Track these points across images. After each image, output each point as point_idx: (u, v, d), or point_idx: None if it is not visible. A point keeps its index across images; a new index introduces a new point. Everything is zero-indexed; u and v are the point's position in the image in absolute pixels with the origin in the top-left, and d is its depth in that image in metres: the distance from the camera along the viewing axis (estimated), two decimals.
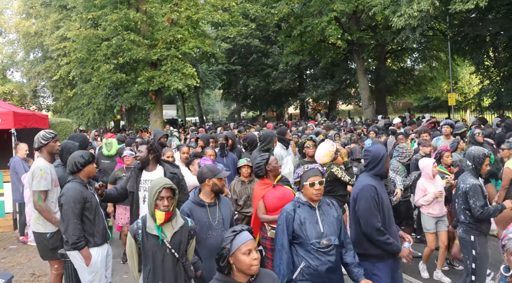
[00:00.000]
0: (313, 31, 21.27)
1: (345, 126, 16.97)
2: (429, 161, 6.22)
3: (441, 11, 14.64)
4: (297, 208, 3.71)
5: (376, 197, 4.02)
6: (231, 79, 39.04)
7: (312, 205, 3.71)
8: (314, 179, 3.66)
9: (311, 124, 16.23)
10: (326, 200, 3.86)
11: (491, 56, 23.50)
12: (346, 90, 34.54)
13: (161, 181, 3.52)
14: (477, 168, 5.04)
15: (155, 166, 5.00)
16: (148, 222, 3.51)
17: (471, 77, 36.75)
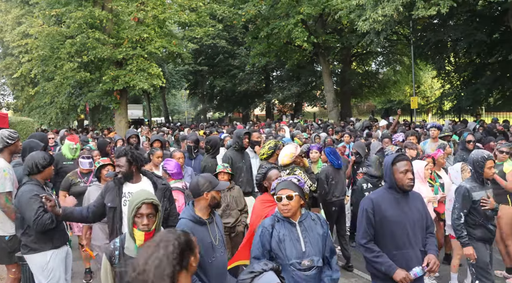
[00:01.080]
0: (280, 33, 21.44)
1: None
2: (421, 163, 5.95)
3: (405, 16, 14.98)
4: (276, 223, 3.34)
5: (371, 210, 3.64)
6: (197, 79, 38.87)
7: (292, 221, 3.32)
8: (282, 193, 3.32)
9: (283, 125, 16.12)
10: (311, 214, 3.46)
11: (452, 61, 24.26)
12: (312, 93, 34.95)
13: (140, 195, 3.05)
14: (478, 172, 4.80)
15: (139, 177, 4.25)
16: (127, 242, 3.06)
17: (433, 82, 37.89)
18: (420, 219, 3.72)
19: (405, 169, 3.62)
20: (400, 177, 3.62)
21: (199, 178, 3.64)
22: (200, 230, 3.47)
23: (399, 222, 3.63)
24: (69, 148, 7.54)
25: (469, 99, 21.40)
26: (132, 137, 9.15)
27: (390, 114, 32.33)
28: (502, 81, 20.65)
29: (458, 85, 23.61)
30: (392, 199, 3.67)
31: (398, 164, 3.66)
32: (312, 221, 3.40)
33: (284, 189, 3.33)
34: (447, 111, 26.42)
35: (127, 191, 4.15)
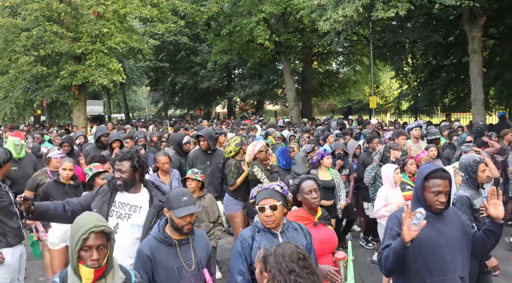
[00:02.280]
0: (242, 31, 21.45)
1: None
2: (391, 167, 5.73)
3: (365, 17, 15.25)
4: (256, 234, 3.07)
5: (396, 228, 3.07)
6: (158, 76, 38.41)
7: (273, 231, 3.08)
8: (264, 203, 3.04)
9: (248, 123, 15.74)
10: (293, 224, 3.22)
11: (410, 62, 24.91)
12: (273, 91, 35.15)
13: (86, 221, 2.42)
14: (472, 177, 4.47)
15: (139, 187, 3.70)
16: (70, 280, 2.45)
17: (391, 82, 38.73)
18: (459, 240, 3.15)
19: (438, 190, 3.04)
20: (429, 196, 3.08)
21: (172, 190, 3.21)
22: (165, 252, 3.05)
23: (433, 244, 3.09)
24: (14, 145, 6.82)
25: (425, 99, 22.04)
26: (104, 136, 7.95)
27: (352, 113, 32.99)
28: (456, 83, 21.35)
29: (415, 86, 24.25)
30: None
31: (431, 181, 3.08)
32: (294, 231, 3.18)
33: (267, 198, 3.06)
34: (405, 111, 27.12)
35: (120, 201, 3.62)
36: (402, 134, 8.19)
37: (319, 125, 15.62)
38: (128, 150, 3.74)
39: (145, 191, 3.71)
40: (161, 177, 6.12)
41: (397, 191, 5.68)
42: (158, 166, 6.16)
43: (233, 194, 6.30)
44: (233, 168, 6.23)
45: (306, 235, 3.21)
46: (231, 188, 6.24)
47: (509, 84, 18.53)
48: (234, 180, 6.18)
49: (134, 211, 3.58)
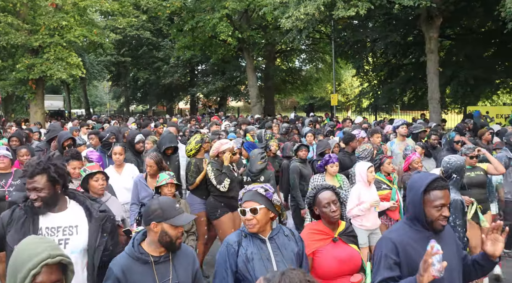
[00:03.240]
0: (205, 27, 21.35)
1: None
2: (364, 165, 5.54)
3: (326, 15, 15.46)
4: (243, 239, 2.87)
5: (395, 256, 2.59)
6: (120, 71, 37.72)
7: (261, 237, 2.87)
8: (245, 206, 2.86)
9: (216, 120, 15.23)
10: (284, 229, 3.02)
11: (370, 61, 25.43)
12: (236, 87, 35.17)
13: (35, 250, 1.90)
14: (461, 179, 4.44)
15: (65, 203, 2.98)
16: None
17: (352, 80, 39.44)
18: (457, 264, 2.77)
19: (441, 203, 2.57)
20: (431, 212, 2.58)
21: (153, 201, 2.82)
22: (140, 271, 2.65)
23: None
24: None
25: (385, 97, 22.60)
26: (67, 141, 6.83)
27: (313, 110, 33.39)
28: (414, 82, 21.95)
29: (375, 84, 24.80)
30: (420, 240, 2.59)
31: (432, 194, 2.59)
32: (285, 237, 2.95)
33: (248, 201, 2.86)
34: (365, 109, 27.70)
35: (47, 226, 2.88)
36: (377, 133, 8.06)
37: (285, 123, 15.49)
38: (39, 160, 2.88)
39: (75, 204, 3.00)
40: (149, 180, 5.53)
41: (371, 190, 5.51)
42: (147, 167, 5.56)
43: (196, 193, 6.10)
44: (192, 167, 6.04)
45: (298, 241, 2.99)
46: (190, 187, 6.08)
47: (464, 84, 19.22)
48: (193, 179, 5.99)
49: (71, 233, 2.90)
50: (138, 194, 5.47)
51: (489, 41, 19.97)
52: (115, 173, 5.91)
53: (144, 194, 5.42)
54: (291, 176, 6.73)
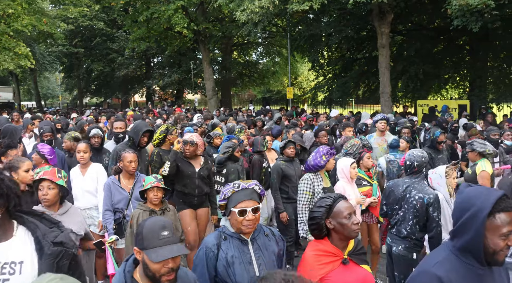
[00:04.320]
0: (160, 18, 21.02)
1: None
2: (347, 161, 5.30)
3: (280, 9, 15.53)
4: (222, 242, 2.68)
5: None
6: (73, 62, 36.75)
7: (243, 238, 2.70)
8: (245, 205, 2.64)
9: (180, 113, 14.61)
10: (263, 229, 2.84)
11: (325, 55, 25.73)
12: (193, 80, 34.87)
13: None
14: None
15: (11, 229, 2.30)
16: None
17: (309, 73, 39.84)
18: None
19: (510, 230, 2.00)
20: (496, 241, 2.00)
21: (142, 221, 2.36)
22: None
23: None
24: None
25: (339, 91, 22.91)
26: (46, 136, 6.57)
27: (269, 103, 33.59)
28: (367, 76, 22.37)
29: (330, 77, 25.11)
30: (472, 277, 2.08)
31: (499, 217, 2.00)
32: (265, 237, 2.79)
33: (247, 200, 2.65)
34: (321, 102, 28.04)
35: None
36: (349, 126, 7.93)
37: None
38: None
39: (24, 232, 2.32)
40: (123, 181, 4.99)
41: (353, 187, 5.35)
42: (123, 165, 4.94)
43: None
44: (155, 157, 5.88)
45: (279, 241, 2.84)
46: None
47: (414, 78, 19.79)
48: (156, 170, 5.75)
49: (12, 272, 2.24)
50: (111, 198, 4.89)
51: (438, 37, 20.60)
52: (79, 174, 5.46)
53: (118, 197, 4.90)
54: (272, 175, 6.24)
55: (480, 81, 18.79)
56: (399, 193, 4.44)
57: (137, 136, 5.69)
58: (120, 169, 5.02)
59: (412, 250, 4.31)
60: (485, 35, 16.84)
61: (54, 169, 3.84)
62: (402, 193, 4.42)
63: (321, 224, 2.74)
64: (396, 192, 4.50)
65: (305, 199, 5.18)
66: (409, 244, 4.32)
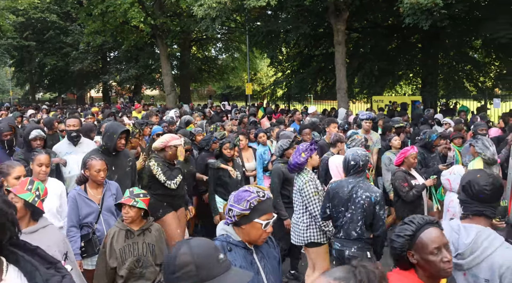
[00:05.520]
0: (116, 12, 20.59)
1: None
2: (340, 158, 5.14)
3: (238, 5, 15.51)
4: (228, 254, 2.40)
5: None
6: (23, 56, 35.45)
7: (248, 247, 2.48)
8: (269, 217, 2.44)
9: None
10: None
11: (283, 51, 25.91)
12: (151, 76, 34.39)
13: None
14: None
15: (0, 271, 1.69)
16: None
17: (268, 69, 40.06)
18: None
19: None
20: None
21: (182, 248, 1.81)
22: None
23: None
24: None
25: (297, 87, 23.13)
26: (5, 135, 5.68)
27: (229, 99, 33.55)
28: (325, 72, 22.70)
29: (289, 74, 25.32)
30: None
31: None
32: (266, 244, 2.60)
33: (270, 213, 2.45)
34: (280, 98, 28.23)
35: None
36: (333, 122, 7.74)
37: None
38: None
39: (15, 275, 1.72)
40: (91, 192, 4.42)
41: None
42: (90, 174, 4.35)
43: None
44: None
45: (277, 247, 2.69)
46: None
47: (369, 75, 20.22)
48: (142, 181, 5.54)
49: None
50: (77, 212, 4.27)
51: (392, 35, 21.11)
52: None
53: (86, 210, 4.29)
54: (273, 180, 5.79)
55: (432, 78, 19.40)
56: (345, 194, 4.29)
57: (112, 141, 4.97)
58: (85, 178, 4.41)
59: (365, 249, 4.27)
60: (436, 34, 17.37)
61: (27, 179, 3.34)
62: (348, 194, 4.27)
63: (402, 256, 2.30)
64: (341, 193, 4.33)
65: (316, 201, 4.82)
66: (361, 244, 4.26)
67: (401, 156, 5.73)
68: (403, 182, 5.54)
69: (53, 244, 3.20)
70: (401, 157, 5.73)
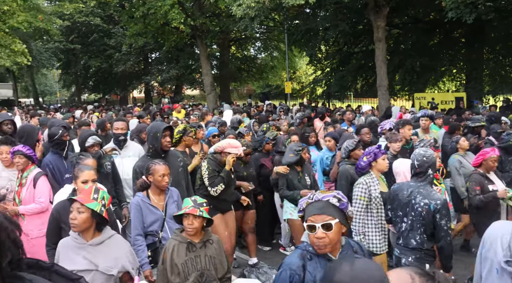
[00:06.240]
0: (156, 14, 20.99)
1: None
2: (407, 163, 4.85)
3: (276, 3, 15.53)
4: (308, 263, 2.31)
5: None
6: (70, 59, 36.66)
7: (330, 257, 2.32)
8: (315, 220, 2.29)
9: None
10: (351, 244, 2.48)
11: (322, 49, 25.75)
12: (192, 76, 34.88)
13: None
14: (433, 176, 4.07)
15: None
16: None
17: (307, 68, 39.87)
18: None
19: None
20: None
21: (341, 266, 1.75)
22: None
23: None
24: None
25: (337, 85, 22.95)
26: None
27: (269, 98, 33.59)
28: (365, 69, 22.42)
29: (328, 72, 25.14)
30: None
31: None
32: (354, 254, 2.42)
33: (318, 215, 2.29)
34: (319, 96, 28.07)
35: None
36: (409, 124, 6.92)
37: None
38: None
39: None
40: (154, 198, 4.19)
41: None
42: (155, 179, 4.10)
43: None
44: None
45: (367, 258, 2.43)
46: None
47: (411, 71, 19.82)
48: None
49: None
50: (142, 220, 4.05)
51: (434, 30, 20.63)
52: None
53: (151, 218, 4.08)
54: (339, 182, 5.46)
55: (476, 73, 18.84)
56: (404, 198, 3.98)
57: (157, 141, 4.73)
58: (147, 184, 4.16)
59: (424, 261, 3.85)
60: (481, 28, 16.86)
61: (91, 188, 3.19)
62: (407, 198, 3.95)
63: None
64: (400, 196, 4.03)
65: (359, 205, 4.58)
66: (419, 254, 3.89)
67: (480, 158, 5.33)
68: (476, 185, 5.18)
69: (122, 255, 3.13)
70: (479, 158, 5.33)
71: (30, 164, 4.90)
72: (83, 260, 2.97)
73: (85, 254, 2.99)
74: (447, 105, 17.13)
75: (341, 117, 11.52)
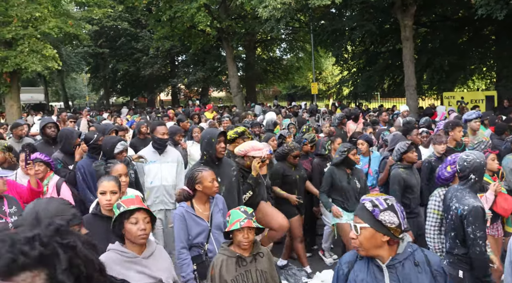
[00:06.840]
0: (183, 17, 21.21)
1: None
2: None
3: (302, 4, 15.51)
4: (357, 262, 2.31)
5: None
6: (98, 62, 37.37)
7: (378, 263, 2.24)
8: (354, 219, 2.31)
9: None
10: (415, 256, 2.26)
11: (349, 49, 25.57)
12: (218, 78, 35.10)
13: None
14: (480, 181, 3.78)
15: None
16: None
17: (333, 68, 39.63)
18: None
19: None
20: None
21: None
22: None
23: None
24: None
25: (364, 85, 22.75)
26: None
27: (294, 99, 33.54)
28: (392, 69, 22.17)
29: (355, 72, 24.96)
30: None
31: None
32: (414, 267, 2.22)
33: (355, 215, 2.30)
34: (346, 97, 27.88)
35: None
36: (459, 126, 6.51)
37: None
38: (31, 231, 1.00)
39: None
40: (198, 208, 3.87)
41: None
42: (204, 187, 3.79)
43: None
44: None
45: (437, 276, 2.21)
46: None
47: (439, 70, 19.50)
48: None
49: None
50: (186, 231, 3.75)
51: (463, 28, 20.25)
52: None
53: (196, 229, 3.77)
54: (392, 187, 5.19)
55: (507, 71, 18.39)
56: (447, 200, 3.87)
57: (212, 147, 4.43)
58: (190, 194, 3.85)
59: (457, 267, 3.66)
60: None
61: (138, 196, 3.01)
62: (449, 200, 3.82)
63: None
64: (445, 199, 3.93)
65: (433, 219, 4.30)
66: (452, 259, 3.72)
67: None
68: None
69: (170, 266, 3.05)
70: None
71: (49, 171, 4.96)
72: (137, 274, 2.78)
73: (138, 268, 2.81)
74: (476, 103, 16.80)
75: (377, 118, 11.30)
